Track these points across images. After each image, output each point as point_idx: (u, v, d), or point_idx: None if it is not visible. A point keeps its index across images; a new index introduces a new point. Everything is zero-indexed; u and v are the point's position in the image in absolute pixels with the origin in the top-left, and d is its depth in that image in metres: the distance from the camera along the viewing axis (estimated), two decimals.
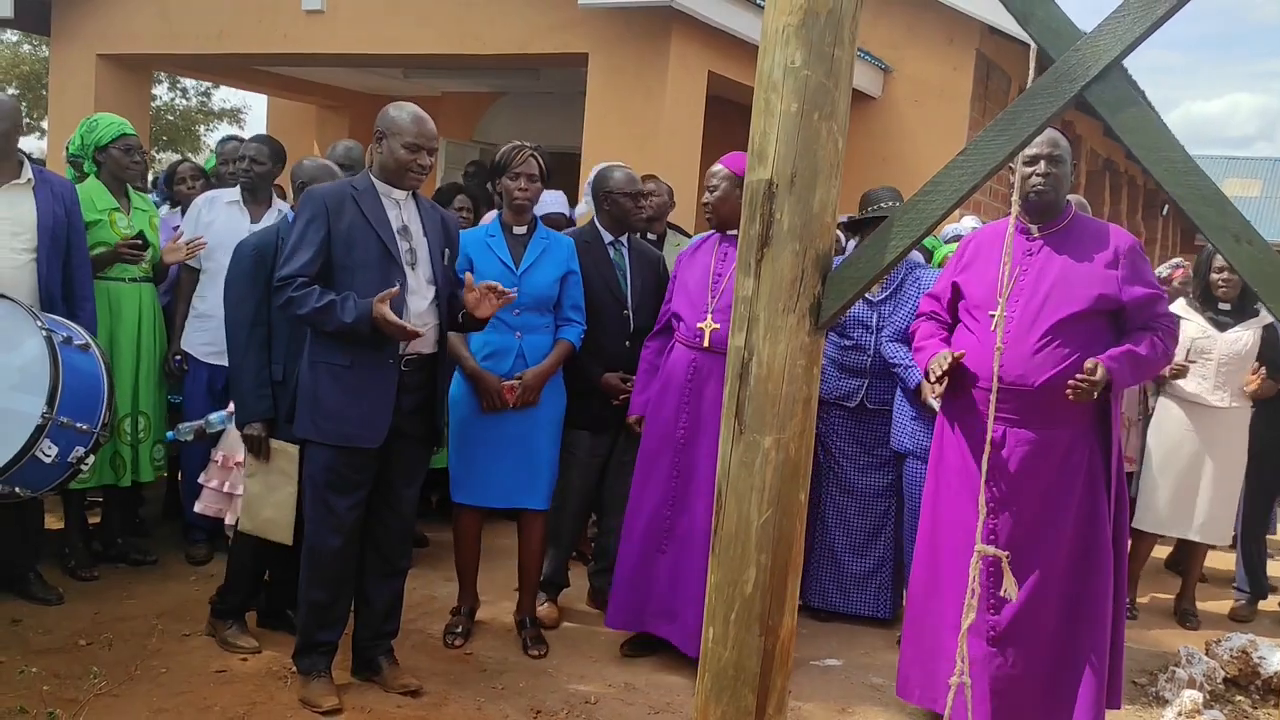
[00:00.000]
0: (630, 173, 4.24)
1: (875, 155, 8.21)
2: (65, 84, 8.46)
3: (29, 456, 3.08)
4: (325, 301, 3.17)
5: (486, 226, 3.98)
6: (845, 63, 2.12)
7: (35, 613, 3.96)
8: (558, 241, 3.96)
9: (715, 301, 3.76)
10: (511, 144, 3.89)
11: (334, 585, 3.40)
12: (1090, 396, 3.04)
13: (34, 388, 3.08)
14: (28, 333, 3.16)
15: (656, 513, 3.84)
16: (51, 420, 3.07)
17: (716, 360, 3.73)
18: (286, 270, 3.21)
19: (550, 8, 6.49)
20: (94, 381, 3.31)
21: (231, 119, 23.28)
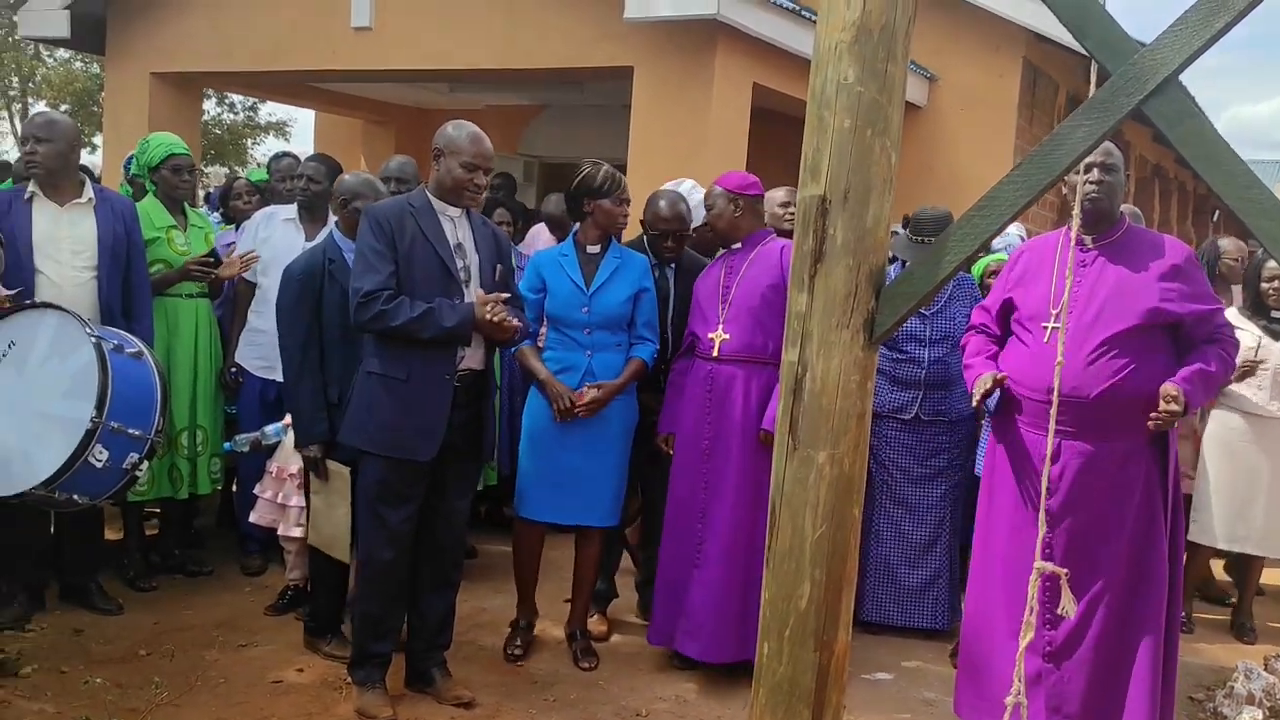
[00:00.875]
0: (674, 205, 4.12)
1: (921, 164, 8.15)
2: (120, 102, 8.63)
3: (81, 462, 3.13)
4: (422, 310, 3.22)
5: (560, 246, 4.02)
6: (898, 79, 2.13)
7: (96, 623, 4.04)
8: (631, 260, 3.96)
9: (725, 312, 3.82)
10: (603, 167, 3.89)
11: (388, 597, 3.44)
12: (1172, 425, 3.04)
13: (84, 394, 3.14)
14: (79, 341, 3.23)
15: (687, 527, 3.86)
16: (101, 425, 3.12)
17: (729, 369, 3.80)
18: (369, 285, 3.23)
19: (595, 22, 6.53)
20: (146, 388, 3.36)
21: (278, 132, 23.62)
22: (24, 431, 3.19)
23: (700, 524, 3.83)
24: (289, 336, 3.70)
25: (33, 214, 3.84)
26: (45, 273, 3.82)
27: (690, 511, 3.86)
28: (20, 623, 3.91)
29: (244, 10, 7.81)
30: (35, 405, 3.19)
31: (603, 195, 3.85)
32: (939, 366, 4.35)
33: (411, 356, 3.31)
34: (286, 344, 3.72)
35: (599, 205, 3.86)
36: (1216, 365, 3.13)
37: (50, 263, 3.83)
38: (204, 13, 7.99)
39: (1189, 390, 3.03)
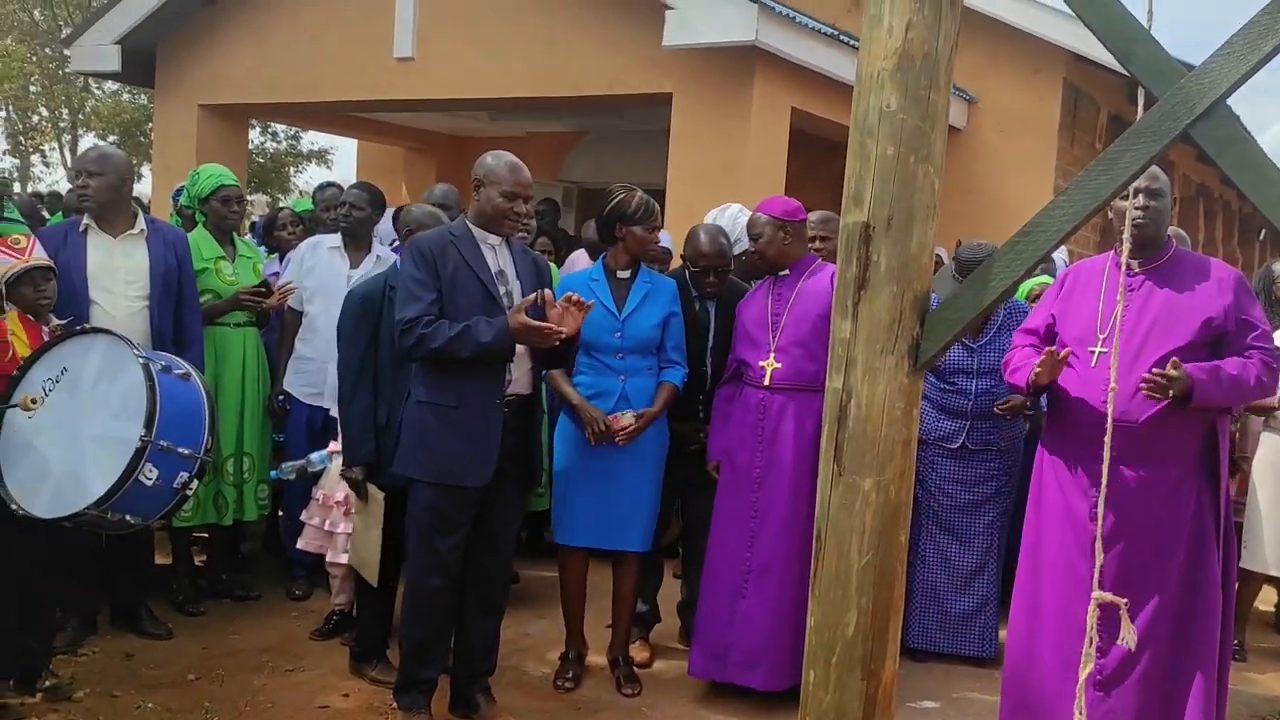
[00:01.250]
0: (715, 240, 4.10)
1: (960, 186, 8.12)
2: (168, 133, 8.82)
3: (132, 481, 3.16)
4: (459, 329, 3.25)
5: (589, 270, 4.03)
6: (941, 106, 2.14)
7: (146, 647, 4.09)
8: (660, 285, 3.98)
9: (775, 340, 3.82)
10: (637, 193, 3.89)
11: (435, 624, 3.46)
12: (1164, 394, 2.99)
13: (134, 414, 3.19)
14: (127, 362, 3.28)
15: (736, 554, 3.84)
16: (151, 444, 3.16)
17: (782, 398, 3.79)
18: (411, 313, 3.27)
19: (634, 49, 6.59)
20: (194, 408, 3.40)
21: (319, 160, 23.94)
22: (78, 454, 3.24)
23: (748, 552, 3.81)
24: (346, 358, 3.78)
25: (87, 246, 3.92)
26: (99, 303, 3.90)
27: (739, 540, 3.84)
28: (73, 647, 3.97)
29: (288, 44, 7.97)
30: (88, 428, 3.24)
31: (635, 221, 3.87)
32: (987, 398, 4.29)
33: (460, 383, 3.33)
34: (342, 364, 3.80)
35: (630, 231, 3.87)
36: (1236, 369, 3.07)
37: (104, 293, 3.92)
38: (250, 47, 8.16)
39: (1197, 376, 2.99)
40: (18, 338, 3.42)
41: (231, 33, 8.25)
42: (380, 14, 7.50)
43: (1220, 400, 3.08)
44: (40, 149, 24.28)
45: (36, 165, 25.02)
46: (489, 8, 7.13)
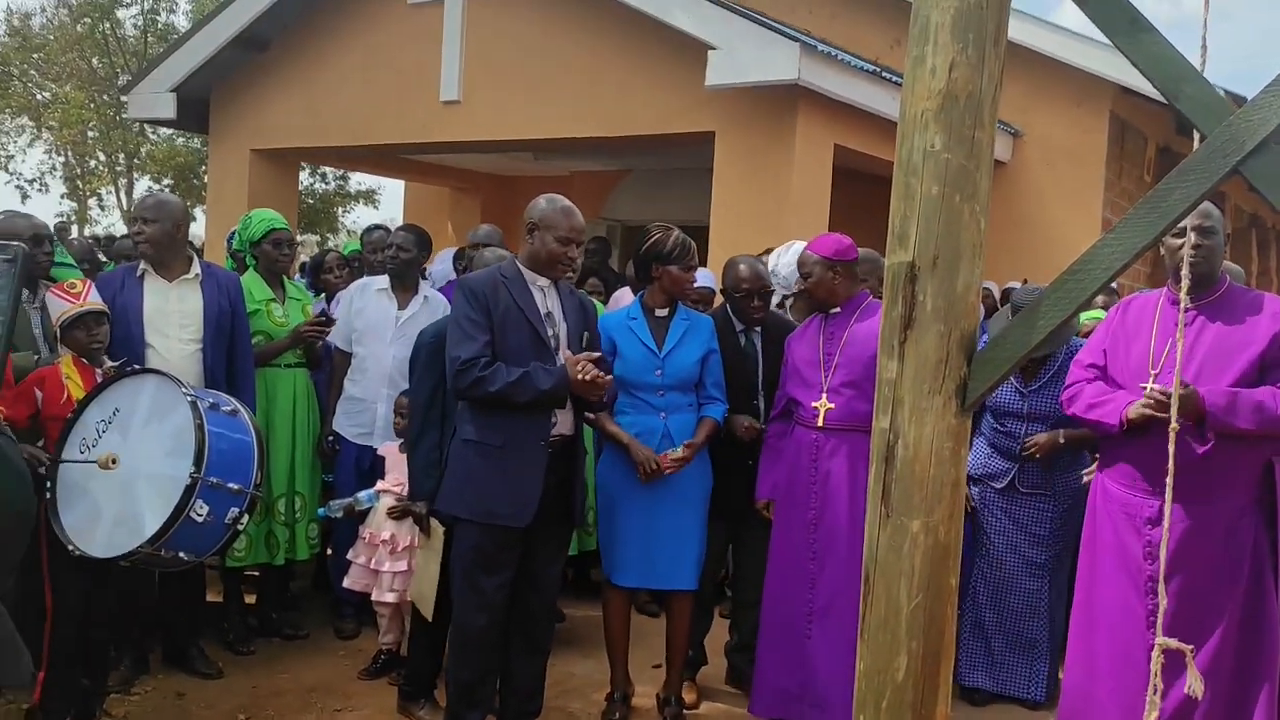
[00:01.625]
0: (753, 266, 4.15)
1: (1006, 220, 8.07)
2: (222, 177, 9.02)
3: (183, 518, 3.19)
4: (518, 374, 3.29)
5: (627, 309, 4.05)
6: (986, 144, 2.13)
7: (197, 686, 4.13)
8: (698, 322, 4.00)
9: (828, 380, 3.79)
10: (674, 232, 3.91)
11: (481, 664, 3.46)
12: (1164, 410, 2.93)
13: (183, 451, 3.23)
14: (176, 401, 3.33)
15: (796, 595, 3.81)
16: (201, 480, 3.19)
17: (834, 439, 3.76)
18: (467, 353, 3.31)
19: (677, 89, 6.64)
20: (244, 443, 3.44)
21: (367, 201, 24.29)
22: (131, 494, 3.29)
23: (809, 594, 3.78)
24: (416, 392, 3.84)
25: (144, 290, 4.01)
26: (154, 346, 3.98)
27: (798, 582, 3.81)
28: (126, 686, 4.01)
29: (337, 89, 8.13)
30: (140, 467, 3.30)
31: (671, 261, 3.88)
32: None
33: (506, 423, 3.36)
34: (413, 401, 3.87)
35: (667, 270, 3.89)
36: (1266, 395, 2.99)
37: (159, 336, 4.00)
38: (300, 93, 8.34)
39: (1208, 396, 2.93)
40: (72, 380, 3.49)
41: (281, 79, 8.44)
42: (426, 59, 7.64)
43: (1243, 426, 2.99)
44: (97, 193, 24.89)
45: (93, 209, 25.65)
46: (533, 51, 7.24)
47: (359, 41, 8.04)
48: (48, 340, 3.85)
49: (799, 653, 3.80)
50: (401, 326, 4.70)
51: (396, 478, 4.25)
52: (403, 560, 4.16)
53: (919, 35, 2.16)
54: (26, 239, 3.88)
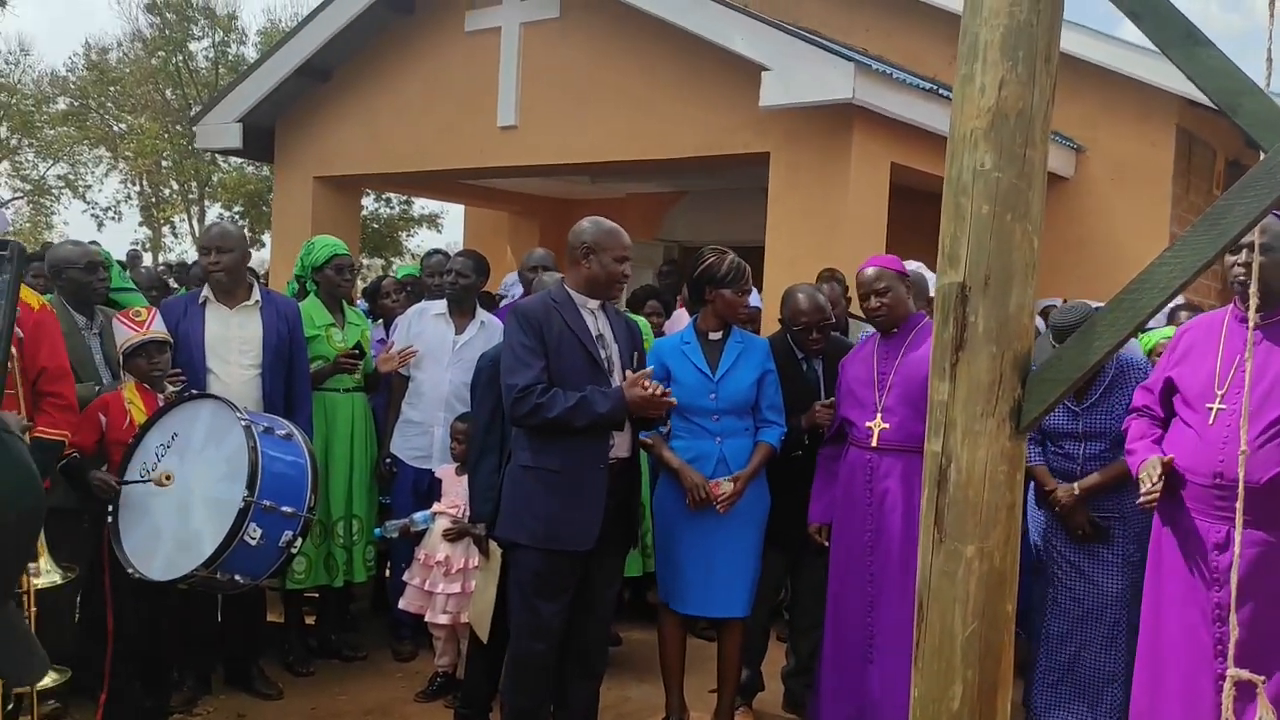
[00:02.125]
0: (812, 297, 4.09)
1: (1070, 237, 7.92)
2: (286, 204, 9.21)
3: (237, 541, 3.24)
4: (576, 399, 3.29)
5: (681, 334, 4.04)
6: (1038, 162, 2.09)
7: (257, 707, 4.18)
8: (753, 344, 3.97)
9: (882, 400, 3.72)
10: (728, 256, 3.88)
11: (537, 689, 3.46)
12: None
13: (237, 476, 3.28)
14: (230, 425, 3.39)
15: (856, 621, 3.75)
16: (254, 504, 3.23)
17: (889, 459, 3.69)
18: (524, 380, 3.31)
19: (731, 110, 6.64)
20: (298, 468, 3.49)
21: (430, 224, 24.67)
22: (187, 517, 3.35)
23: (869, 618, 3.72)
24: (476, 418, 3.88)
25: (206, 317, 4.10)
26: (215, 371, 4.07)
27: (857, 606, 3.75)
28: (188, 706, 4.08)
29: (397, 117, 8.27)
30: (197, 491, 3.36)
31: (725, 284, 3.85)
32: (1095, 464, 3.94)
33: (565, 448, 3.36)
34: (474, 424, 3.91)
35: (720, 294, 3.87)
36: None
37: (220, 362, 4.09)
38: (361, 122, 8.49)
39: None
40: (135, 406, 3.58)
41: (343, 108, 8.60)
42: (484, 85, 7.74)
43: None
44: (170, 221, 25.59)
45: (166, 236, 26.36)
46: (587, 75, 7.30)
47: (418, 69, 8.17)
48: (109, 366, 3.95)
49: (859, 678, 3.73)
50: (459, 351, 4.74)
51: (452, 500, 4.29)
52: (457, 582, 4.19)
53: (968, 53, 2.13)
54: (81, 266, 4.01)
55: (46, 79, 24.76)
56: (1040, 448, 4.05)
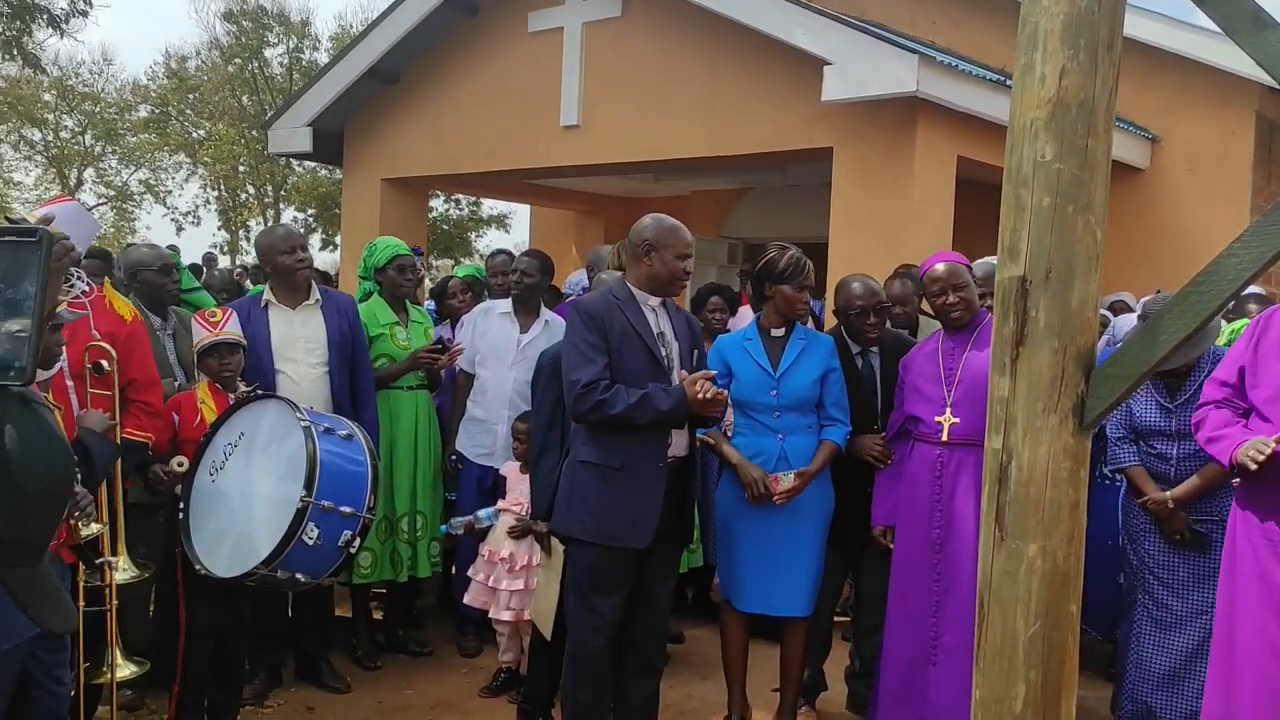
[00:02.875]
0: (866, 282, 4.06)
1: (1145, 229, 7.73)
2: (356, 206, 9.37)
3: (295, 541, 3.28)
4: (638, 396, 3.30)
5: (744, 330, 4.01)
6: (1100, 153, 2.04)
7: (327, 700, 4.26)
8: (816, 341, 3.93)
9: (951, 395, 3.67)
10: (789, 251, 3.85)
11: (596, 685, 3.47)
12: None
13: (296, 476, 3.33)
14: (291, 426, 3.44)
15: (920, 621, 3.69)
16: (311, 504, 3.27)
17: (959, 453, 3.64)
18: (587, 376, 3.33)
19: (794, 106, 6.60)
20: (357, 468, 3.52)
21: (498, 225, 24.90)
22: (250, 515, 3.42)
23: (933, 617, 3.67)
24: (537, 415, 3.91)
25: (269, 318, 4.19)
26: (285, 371, 4.16)
27: (922, 606, 3.70)
28: (259, 699, 4.17)
29: (462, 120, 8.37)
30: (259, 490, 3.42)
31: (785, 280, 3.82)
32: (1192, 463, 3.72)
33: (625, 445, 3.37)
34: (534, 421, 3.94)
35: (780, 290, 3.83)
36: None
37: (288, 362, 4.17)
38: (427, 125, 8.61)
39: None
40: (207, 405, 3.66)
41: (409, 111, 8.72)
42: (547, 86, 7.79)
43: None
44: (246, 224, 26.18)
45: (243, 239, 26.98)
46: (650, 74, 7.30)
47: (482, 71, 8.25)
48: (181, 365, 4.05)
49: (926, 680, 3.68)
50: (523, 350, 4.77)
51: (516, 497, 4.32)
52: (520, 579, 4.22)
53: (1027, 42, 2.10)
54: (154, 268, 4.12)
55: (128, 88, 25.52)
56: (1134, 446, 3.91)
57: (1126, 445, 3.92)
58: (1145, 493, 3.78)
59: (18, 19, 12.21)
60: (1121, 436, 3.94)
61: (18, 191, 25.50)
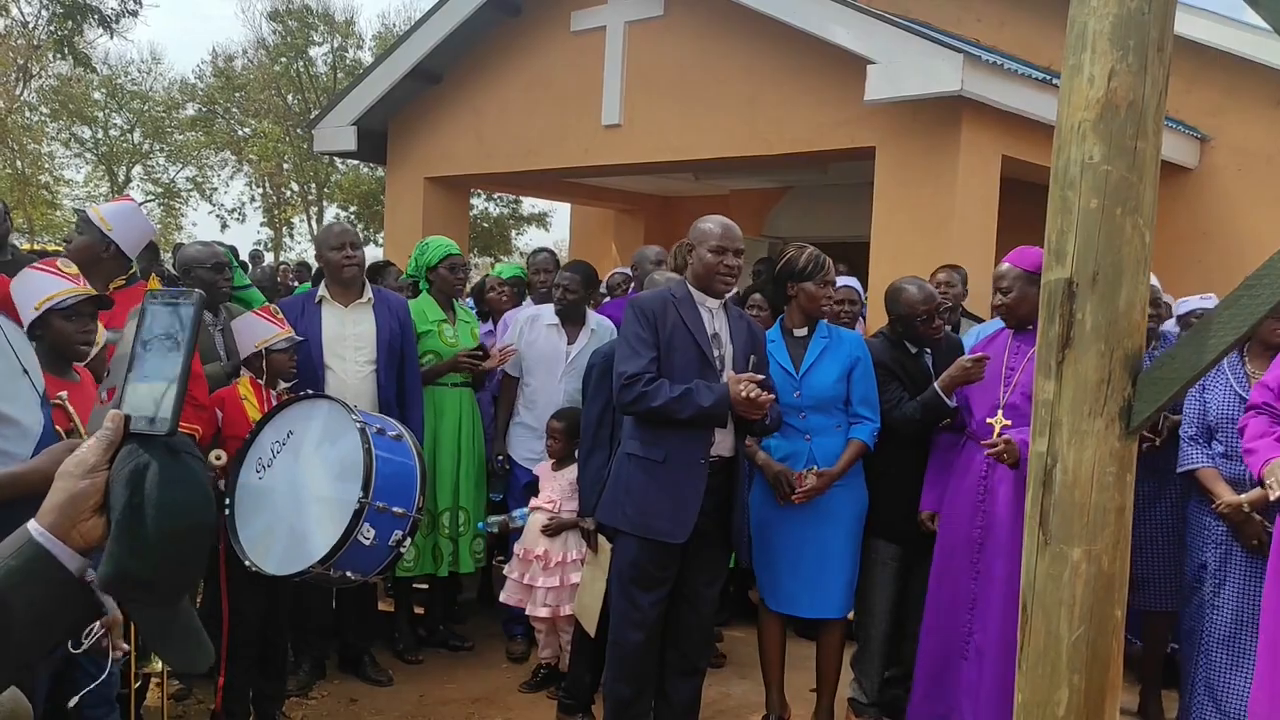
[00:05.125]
0: (922, 287, 4.06)
1: (1194, 230, 7.62)
2: (398, 204, 9.46)
3: (351, 540, 3.33)
4: (681, 390, 3.33)
5: (769, 331, 4.01)
6: (1150, 155, 2.02)
7: (369, 693, 4.32)
8: (839, 338, 3.93)
9: (1006, 396, 3.63)
10: (808, 249, 3.87)
11: (636, 680, 3.50)
12: None
13: (352, 476, 3.37)
14: (346, 426, 3.48)
15: (955, 616, 3.69)
16: (368, 505, 3.32)
17: None
18: (632, 368, 3.38)
19: (836, 106, 6.57)
20: (407, 469, 3.56)
21: (538, 222, 25.01)
22: (302, 514, 3.46)
23: (969, 614, 3.66)
24: (588, 412, 3.95)
25: (322, 315, 4.25)
26: (333, 368, 4.22)
27: (959, 602, 3.70)
28: (304, 691, 4.24)
29: (503, 119, 8.42)
30: (311, 489, 3.47)
31: (805, 278, 3.82)
32: None
33: (669, 439, 3.41)
34: (585, 420, 3.98)
35: (802, 288, 3.84)
36: None
37: (337, 359, 4.23)
38: (469, 124, 8.67)
39: None
40: (249, 402, 3.72)
41: (452, 110, 8.79)
42: (589, 85, 7.82)
43: None
44: (289, 221, 26.50)
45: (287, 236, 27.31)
46: (691, 73, 7.30)
47: (524, 70, 8.30)
48: (230, 360, 4.12)
49: (958, 676, 3.67)
50: (572, 361, 4.78)
51: (549, 495, 4.35)
52: (555, 575, 4.25)
53: (1075, 43, 2.08)
54: (208, 266, 4.19)
55: (176, 86, 25.92)
56: (1208, 447, 3.81)
57: (1199, 446, 3.78)
58: (1218, 496, 3.65)
59: (69, 19, 12.45)
60: (1194, 435, 3.80)
61: (68, 188, 26.01)
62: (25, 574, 1.05)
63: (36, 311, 2.80)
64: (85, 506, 1.07)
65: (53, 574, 1.06)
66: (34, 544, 1.06)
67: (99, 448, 1.10)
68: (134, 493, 1.06)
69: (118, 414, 1.11)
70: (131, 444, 1.10)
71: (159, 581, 1.07)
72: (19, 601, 1.04)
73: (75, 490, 1.07)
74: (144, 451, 1.09)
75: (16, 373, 2.27)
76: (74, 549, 1.07)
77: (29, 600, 1.05)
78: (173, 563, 1.07)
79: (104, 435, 1.10)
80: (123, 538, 1.05)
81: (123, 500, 1.06)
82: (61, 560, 1.06)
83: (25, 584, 1.05)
